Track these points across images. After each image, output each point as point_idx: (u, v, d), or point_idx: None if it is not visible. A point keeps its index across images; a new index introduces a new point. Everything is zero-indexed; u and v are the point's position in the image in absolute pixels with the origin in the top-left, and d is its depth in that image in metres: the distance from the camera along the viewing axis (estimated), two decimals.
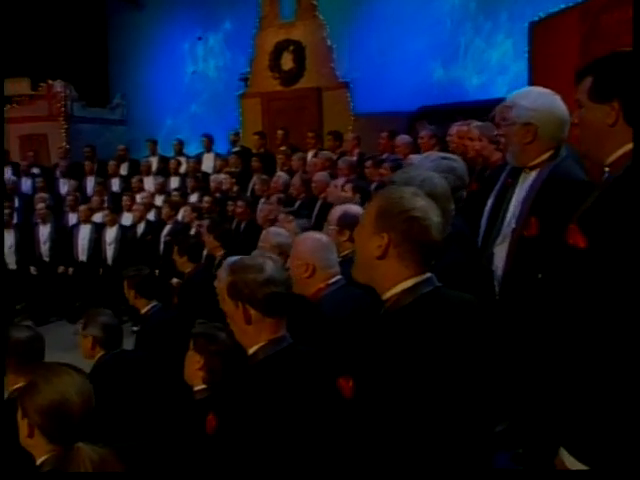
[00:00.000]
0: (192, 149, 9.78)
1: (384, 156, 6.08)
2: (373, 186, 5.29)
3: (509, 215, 2.35)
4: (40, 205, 7.92)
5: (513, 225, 2.29)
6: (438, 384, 1.39)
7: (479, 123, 3.84)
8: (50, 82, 10.16)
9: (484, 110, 7.26)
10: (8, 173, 9.10)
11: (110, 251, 7.70)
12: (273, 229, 3.95)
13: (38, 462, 1.65)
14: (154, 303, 3.70)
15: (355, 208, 2.98)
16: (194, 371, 2.26)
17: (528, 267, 2.15)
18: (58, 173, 9.18)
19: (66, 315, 8.05)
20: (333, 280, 2.34)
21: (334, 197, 4.82)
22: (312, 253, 2.37)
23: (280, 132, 8.20)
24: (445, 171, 2.35)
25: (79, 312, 7.95)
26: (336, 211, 2.99)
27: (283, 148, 7.91)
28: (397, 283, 1.53)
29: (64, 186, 8.92)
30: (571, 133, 2.18)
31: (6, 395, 2.34)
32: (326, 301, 2.26)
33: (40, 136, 10.16)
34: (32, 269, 7.89)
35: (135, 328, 6.80)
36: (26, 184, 9.02)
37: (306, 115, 9.34)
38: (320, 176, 5.64)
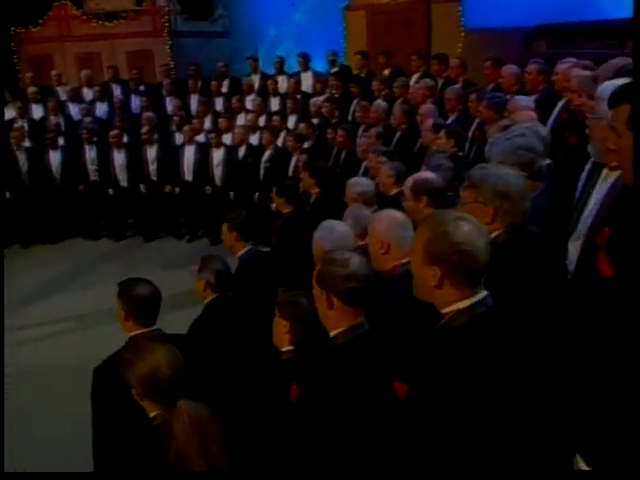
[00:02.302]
0: (294, 60, 9.92)
1: (489, 87, 6.03)
2: (474, 125, 5.35)
3: (587, 211, 2.45)
4: (145, 128, 8.55)
5: (588, 224, 2.39)
6: (486, 400, 1.62)
7: (581, 73, 3.75)
8: None
9: (611, 32, 6.86)
10: (117, 91, 9.81)
11: (218, 172, 8.28)
12: (353, 179, 4.21)
13: (150, 416, 2.14)
14: (249, 246, 4.02)
15: (426, 174, 3.18)
16: (281, 335, 2.59)
17: (593, 276, 2.26)
18: (164, 91, 9.71)
19: (173, 231, 8.91)
20: (408, 259, 2.59)
21: (427, 140, 4.96)
22: (387, 232, 2.64)
23: (382, 56, 8.14)
24: (512, 152, 2.49)
25: (185, 228, 8.79)
26: (408, 182, 3.22)
27: (386, 72, 7.88)
28: (453, 303, 1.76)
29: (170, 104, 9.46)
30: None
31: (127, 338, 2.82)
32: (398, 279, 2.54)
33: (145, 52, 10.73)
34: (142, 187, 8.67)
35: (265, 249, 7.42)
36: (135, 102, 9.66)
37: (413, 30, 9.20)
38: (426, 109, 5.64)
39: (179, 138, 8.74)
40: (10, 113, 9.31)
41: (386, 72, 7.95)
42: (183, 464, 1.88)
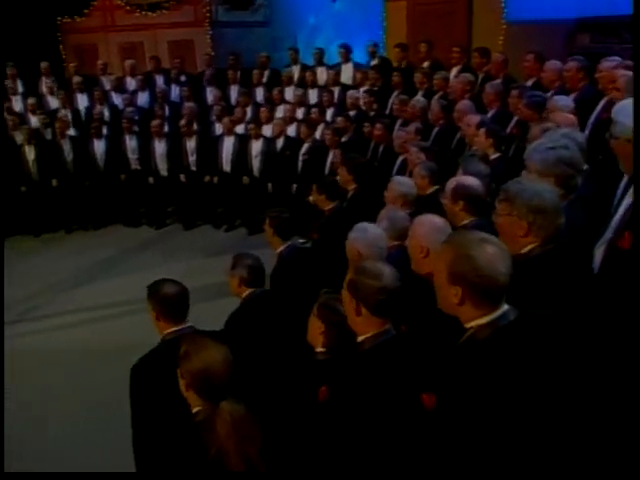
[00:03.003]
0: (334, 50, 9.96)
1: (529, 82, 6.00)
2: (513, 122, 5.35)
3: (616, 217, 2.51)
4: (184, 119, 8.75)
5: (611, 233, 2.46)
6: (509, 412, 1.71)
7: (627, 73, 3.74)
8: None
9: None
10: (160, 81, 10.02)
11: (256, 163, 8.42)
12: (398, 178, 4.29)
13: (193, 411, 2.26)
14: (289, 243, 4.09)
15: (469, 180, 3.24)
16: (316, 335, 2.68)
17: (614, 279, 2.29)
18: (204, 81, 9.87)
19: (211, 220, 9.11)
20: None
21: (468, 137, 4.99)
22: (427, 236, 2.73)
23: (423, 45, 8.04)
24: (554, 164, 2.54)
25: (223, 218, 8.98)
26: (450, 182, 3.29)
27: (426, 64, 7.86)
28: (475, 319, 1.87)
29: (210, 94, 9.63)
30: None
31: (159, 338, 2.94)
32: None
33: (187, 42, 10.92)
34: (181, 177, 8.88)
35: (302, 240, 7.58)
36: (175, 92, 9.86)
37: (453, 22, 9.14)
38: (462, 106, 5.67)
39: (219, 128, 8.89)
40: (54, 103, 9.62)
41: (425, 64, 7.90)
42: (222, 461, 2.00)
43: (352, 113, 7.79)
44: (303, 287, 3.69)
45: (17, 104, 9.55)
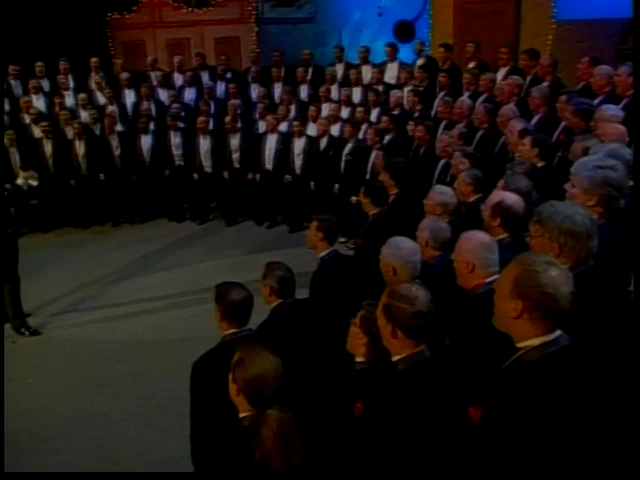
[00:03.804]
0: (380, 46, 10.01)
1: (578, 87, 5.94)
2: (560, 128, 5.32)
3: None
4: (229, 117, 8.91)
5: None
6: (547, 437, 1.78)
7: None
8: None
9: None
10: (205, 78, 10.21)
11: (298, 161, 8.55)
12: (438, 187, 4.32)
13: (241, 416, 2.37)
14: (332, 249, 4.14)
15: (512, 198, 3.26)
16: (358, 345, 2.71)
17: None
18: (249, 78, 10.02)
19: (253, 217, 9.29)
20: (490, 279, 2.74)
21: (510, 144, 4.98)
22: (473, 252, 2.80)
23: (471, 45, 7.99)
24: (600, 184, 2.58)
25: (265, 215, 9.14)
26: (494, 197, 3.33)
27: (471, 65, 7.83)
28: (527, 339, 1.93)
29: (255, 91, 9.77)
30: None
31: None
32: (481, 298, 2.70)
33: (233, 39, 11.09)
34: (225, 174, 9.06)
35: (343, 239, 7.69)
36: (220, 88, 10.03)
37: (501, 20, 9.09)
38: (506, 110, 5.66)
39: (262, 126, 9.03)
40: (103, 99, 9.89)
41: (472, 65, 7.86)
42: (266, 467, 2.09)
43: (395, 113, 7.80)
44: (344, 294, 3.78)
45: (69, 99, 9.85)
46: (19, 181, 6.25)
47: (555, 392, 1.82)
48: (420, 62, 8.87)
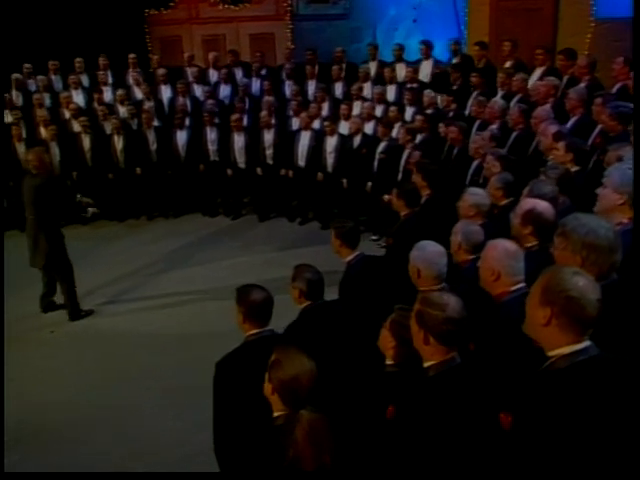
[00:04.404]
0: (413, 44, 10.02)
1: (615, 89, 5.88)
2: (597, 131, 5.28)
3: None
4: (264, 113, 9.01)
5: None
6: (579, 443, 1.83)
7: None
8: None
9: None
10: (238, 75, 10.33)
11: (330, 159, 8.62)
12: (472, 189, 4.35)
13: (275, 415, 2.48)
14: (357, 252, 4.17)
15: (543, 205, 3.29)
16: (387, 348, 2.80)
17: None
18: (283, 75, 10.11)
19: (285, 213, 9.39)
20: (515, 287, 2.80)
21: (544, 148, 4.97)
22: (499, 261, 2.84)
23: (507, 44, 7.93)
24: (630, 183, 2.57)
25: (297, 211, 9.23)
26: (525, 204, 3.36)
27: (508, 64, 7.78)
28: (557, 347, 1.98)
29: (288, 88, 9.86)
30: None
31: (232, 328, 3.18)
32: (506, 306, 2.75)
33: (268, 35, 11.20)
34: (258, 170, 9.17)
35: (374, 237, 7.74)
36: (255, 85, 10.15)
37: (539, 18, 8.99)
38: (540, 112, 5.64)
39: (295, 123, 9.12)
40: (140, 94, 10.09)
41: (508, 64, 7.81)
42: (299, 466, 2.17)
43: (429, 112, 7.81)
44: (373, 295, 3.84)
45: (107, 95, 10.08)
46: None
47: (584, 401, 1.87)
48: (455, 60, 8.83)
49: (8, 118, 9.50)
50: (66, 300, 6.61)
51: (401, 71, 9.29)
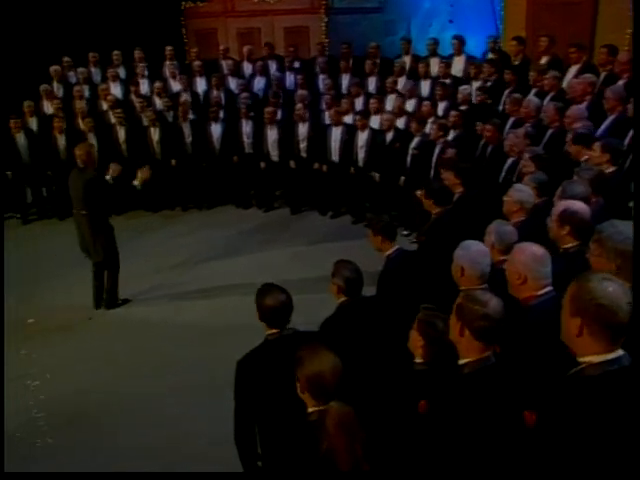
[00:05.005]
0: (449, 37, 9.98)
1: None
2: (631, 134, 5.23)
3: None
4: (298, 106, 9.07)
5: None
6: (597, 453, 1.87)
7: None
8: None
9: None
10: (273, 68, 10.41)
11: (361, 154, 8.66)
12: (518, 185, 4.39)
13: (309, 411, 2.55)
14: (397, 246, 4.28)
15: (577, 204, 3.31)
16: (416, 347, 2.88)
17: None
18: (317, 68, 10.15)
19: (317, 207, 9.48)
20: (543, 292, 2.83)
21: (572, 151, 4.95)
22: (526, 265, 2.87)
23: (544, 39, 7.85)
24: None
25: (329, 205, 9.30)
26: (559, 206, 3.38)
27: (544, 60, 7.71)
28: (589, 354, 2.00)
29: (322, 83, 9.89)
30: None
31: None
32: (533, 310, 2.79)
33: (302, 28, 11.26)
34: (291, 163, 9.26)
35: (406, 232, 7.78)
36: (289, 79, 10.22)
37: (578, 12, 8.85)
38: (574, 111, 5.61)
39: (328, 117, 9.15)
40: (176, 86, 10.25)
41: (543, 61, 7.75)
42: (332, 458, 2.27)
43: (463, 108, 7.80)
44: (410, 291, 3.91)
45: (143, 87, 10.26)
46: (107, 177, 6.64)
47: (610, 412, 1.89)
48: (490, 56, 8.78)
49: (49, 109, 9.76)
50: (109, 289, 6.80)
51: (435, 66, 9.24)
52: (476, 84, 8.22)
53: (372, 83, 9.68)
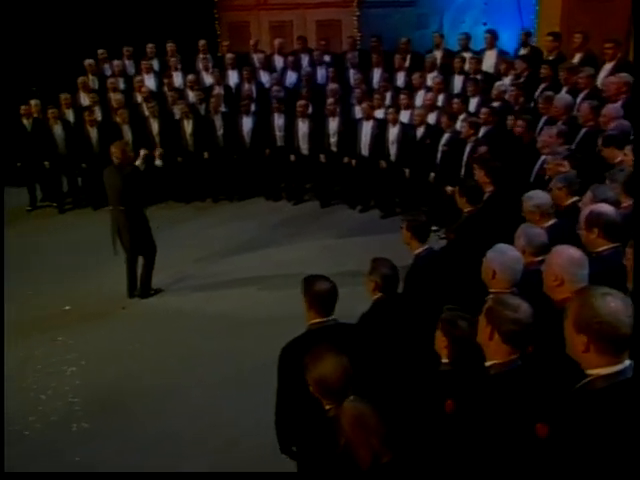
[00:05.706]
0: (479, 32, 9.91)
1: None
2: None
3: None
4: (330, 100, 9.10)
5: None
6: (610, 462, 1.90)
7: None
8: None
9: None
10: (305, 61, 10.44)
11: (393, 149, 8.68)
12: (528, 193, 4.30)
13: (326, 408, 2.61)
14: (427, 246, 4.28)
15: (602, 207, 3.30)
16: (441, 347, 2.92)
17: None
18: (348, 63, 10.15)
19: (346, 200, 9.53)
20: None
21: (607, 155, 4.90)
22: (563, 268, 2.89)
23: (578, 36, 7.74)
24: None
25: (358, 199, 9.34)
26: (583, 212, 3.38)
27: (577, 57, 7.62)
28: (596, 367, 2.05)
29: (352, 77, 9.86)
30: None
31: (306, 327, 3.27)
32: None
33: (334, 22, 11.26)
34: (321, 157, 9.32)
35: (435, 228, 7.80)
36: (320, 73, 10.24)
37: (613, 9, 8.69)
38: (610, 110, 5.54)
39: (359, 111, 9.17)
40: (208, 79, 10.36)
41: (577, 57, 7.65)
42: (351, 451, 2.34)
43: (496, 104, 7.74)
44: (438, 290, 3.95)
45: (177, 80, 10.38)
46: (137, 162, 6.77)
47: (617, 422, 1.93)
48: (523, 52, 8.69)
49: (85, 101, 9.96)
50: (143, 279, 6.96)
51: (465, 62, 9.15)
52: (507, 80, 8.13)
53: (400, 78, 9.67)
